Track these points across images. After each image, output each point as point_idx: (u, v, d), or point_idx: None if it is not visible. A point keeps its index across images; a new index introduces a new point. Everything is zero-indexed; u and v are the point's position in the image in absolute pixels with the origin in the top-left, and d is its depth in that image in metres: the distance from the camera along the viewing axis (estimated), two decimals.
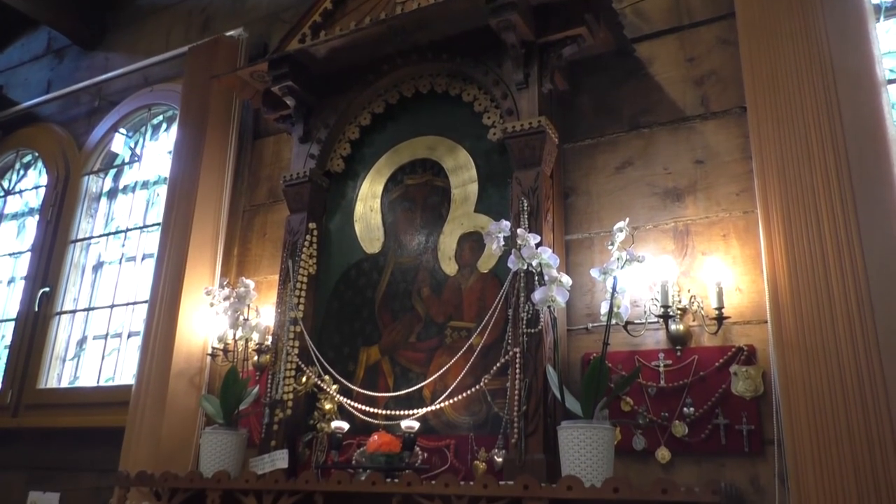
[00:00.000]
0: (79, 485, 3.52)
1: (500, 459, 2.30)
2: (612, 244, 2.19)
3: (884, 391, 1.91)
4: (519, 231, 2.18)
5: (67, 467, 3.60)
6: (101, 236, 4.16)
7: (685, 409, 2.26)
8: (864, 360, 1.95)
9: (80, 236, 4.16)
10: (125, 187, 4.26)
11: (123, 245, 4.04)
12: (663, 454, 2.26)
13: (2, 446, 3.84)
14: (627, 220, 2.22)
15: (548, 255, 2.15)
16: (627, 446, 2.30)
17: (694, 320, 2.35)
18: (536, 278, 2.21)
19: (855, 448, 1.90)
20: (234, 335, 2.85)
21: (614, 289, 2.10)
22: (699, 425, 2.23)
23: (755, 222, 2.31)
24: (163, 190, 3.92)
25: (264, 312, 3.01)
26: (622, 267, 2.11)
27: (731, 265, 2.36)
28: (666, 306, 2.28)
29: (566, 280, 2.14)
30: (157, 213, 3.93)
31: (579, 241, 2.64)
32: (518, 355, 2.29)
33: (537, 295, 2.11)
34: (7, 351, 4.11)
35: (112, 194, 4.30)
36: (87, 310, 4.00)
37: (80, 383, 3.87)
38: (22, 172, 4.83)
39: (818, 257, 2.08)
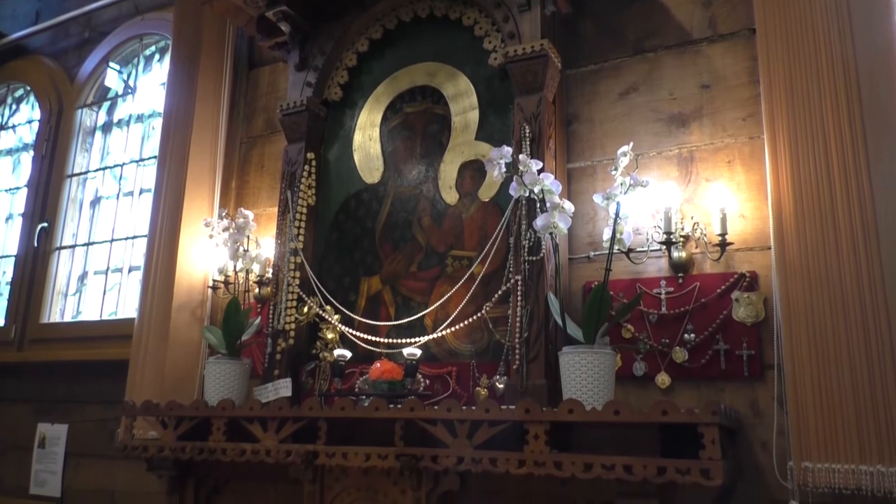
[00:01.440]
0: (86, 416, 3.58)
1: (501, 386, 2.33)
2: (616, 169, 2.15)
3: (885, 316, 1.90)
4: (521, 157, 2.14)
5: (74, 399, 3.65)
6: (97, 170, 4.11)
7: (686, 335, 2.27)
8: (868, 286, 1.94)
9: (76, 171, 4.12)
10: (120, 121, 4.19)
11: (120, 181, 4.00)
12: (663, 379, 2.28)
13: (9, 380, 3.89)
14: (631, 144, 2.18)
15: (550, 182, 2.12)
16: (628, 372, 2.32)
17: (696, 247, 2.34)
18: (538, 205, 2.18)
19: (855, 372, 1.91)
20: (235, 267, 2.84)
21: (617, 214, 2.08)
22: (699, 351, 2.25)
23: (761, 148, 2.27)
24: (158, 123, 3.86)
25: (264, 244, 3.00)
26: (626, 192, 2.07)
27: (736, 191, 2.33)
28: (669, 233, 2.26)
29: (568, 206, 2.11)
30: (153, 147, 3.87)
31: (581, 170, 2.60)
32: (519, 283, 2.29)
33: (539, 221, 2.09)
34: (9, 287, 4.12)
35: (107, 128, 4.23)
36: (87, 245, 3.99)
37: (82, 318, 3.89)
38: (14, 107, 4.75)
39: (824, 183, 2.04)
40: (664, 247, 2.31)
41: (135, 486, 3.30)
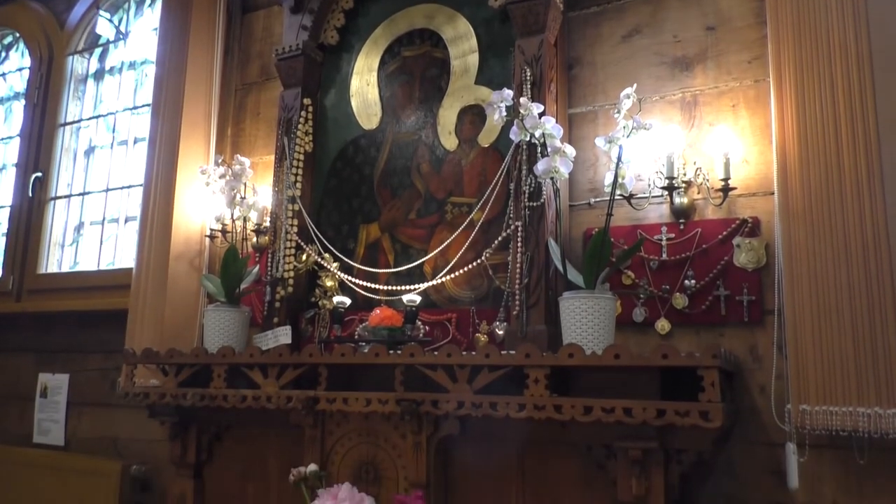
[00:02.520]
0: (87, 366, 3.60)
1: (501, 332, 2.33)
2: (619, 112, 2.11)
3: (888, 260, 1.90)
4: (521, 100, 2.09)
5: (75, 349, 3.66)
6: (90, 119, 4.05)
7: (686, 281, 2.26)
8: (871, 231, 1.93)
9: (69, 120, 4.05)
10: (112, 68, 4.11)
11: (114, 130, 3.94)
12: (663, 325, 2.28)
13: (8, 331, 3.89)
14: (635, 85, 2.13)
15: (551, 126, 2.08)
16: (628, 319, 2.32)
17: (699, 193, 2.31)
18: (539, 150, 2.15)
19: (855, 316, 1.92)
20: (232, 215, 2.81)
21: (619, 158, 2.05)
22: (700, 297, 2.24)
23: (766, 91, 2.23)
24: (151, 70, 3.77)
25: (261, 191, 2.96)
26: (628, 136, 2.04)
27: (740, 136, 2.30)
28: (671, 178, 2.23)
29: (570, 150, 2.08)
30: (147, 95, 3.80)
31: (583, 115, 2.56)
32: (520, 229, 2.27)
33: (540, 166, 2.06)
34: (4, 238, 4.10)
35: (99, 76, 4.15)
36: (82, 194, 3.95)
37: (80, 268, 3.87)
38: (4, 54, 4.64)
39: (830, 127, 2.01)
40: (666, 192, 2.28)
41: (137, 433, 3.34)
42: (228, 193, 2.69)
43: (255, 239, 2.97)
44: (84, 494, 3.22)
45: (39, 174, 3.98)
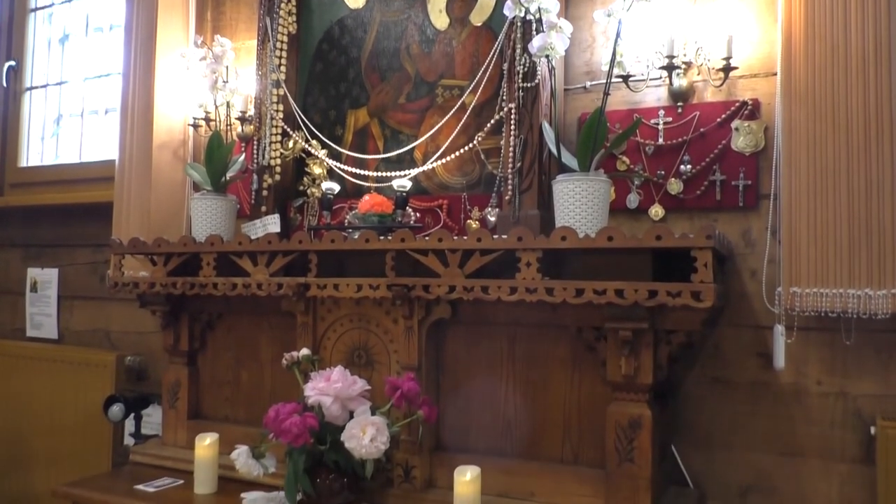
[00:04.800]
0: (75, 260, 3.57)
1: (493, 218, 2.30)
2: None
3: (889, 143, 1.86)
4: None
5: (62, 244, 3.63)
6: (62, 2, 3.85)
7: (682, 166, 2.22)
8: (874, 113, 1.88)
9: (40, 4, 3.86)
10: None
11: (87, 16, 3.75)
12: (656, 211, 2.25)
13: None
14: None
15: None
16: (621, 205, 2.29)
17: (698, 74, 2.23)
18: (534, 27, 2.05)
19: (852, 198, 1.89)
20: (215, 100, 2.71)
21: (618, 34, 1.96)
22: (695, 182, 2.21)
23: None
24: None
25: (244, 77, 2.85)
26: (628, 8, 1.94)
27: (744, 13, 2.20)
28: (671, 57, 2.14)
29: (566, 26, 1.98)
30: None
31: None
32: (513, 111, 2.20)
33: (535, 42, 1.97)
34: None
35: None
36: (59, 84, 3.81)
37: (62, 161, 3.78)
38: None
39: (839, 4, 1.92)
40: (665, 74, 2.20)
41: (130, 326, 3.36)
42: (210, 77, 2.58)
43: (239, 128, 2.88)
44: (80, 385, 3.26)
45: (13, 63, 3.82)
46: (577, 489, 1.92)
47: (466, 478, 1.83)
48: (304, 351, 2.13)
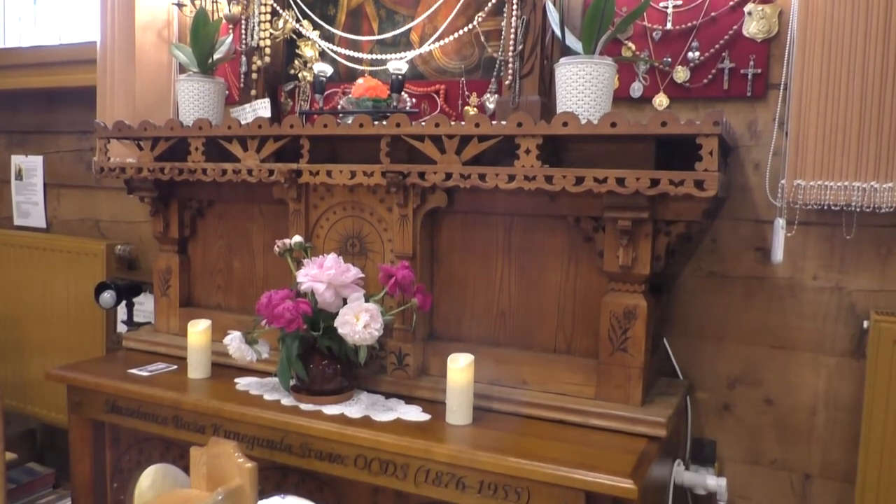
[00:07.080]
0: (60, 147, 3.48)
1: (492, 105, 2.22)
2: None
3: None
4: None
5: (46, 130, 3.53)
6: None
7: (690, 53, 2.12)
8: None
9: None
10: None
11: None
12: (661, 101, 2.18)
13: None
14: None
15: None
16: (625, 94, 2.21)
17: None
18: None
19: (866, 88, 1.83)
20: None
21: None
22: (703, 70, 2.12)
23: None
24: None
25: None
26: None
27: None
28: None
29: None
30: None
31: None
32: None
33: None
34: None
35: None
36: None
37: (42, 42, 3.61)
38: None
39: None
40: None
41: (119, 215, 3.31)
42: None
43: (226, 7, 2.73)
44: (71, 274, 3.24)
45: None
46: (569, 377, 1.93)
47: (459, 365, 1.84)
48: (297, 238, 2.10)
